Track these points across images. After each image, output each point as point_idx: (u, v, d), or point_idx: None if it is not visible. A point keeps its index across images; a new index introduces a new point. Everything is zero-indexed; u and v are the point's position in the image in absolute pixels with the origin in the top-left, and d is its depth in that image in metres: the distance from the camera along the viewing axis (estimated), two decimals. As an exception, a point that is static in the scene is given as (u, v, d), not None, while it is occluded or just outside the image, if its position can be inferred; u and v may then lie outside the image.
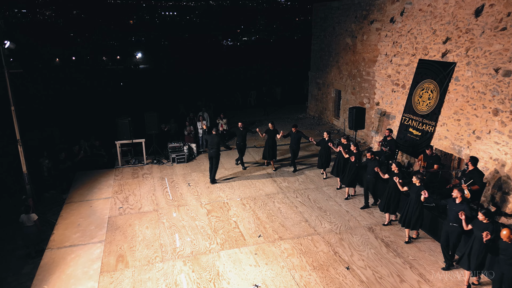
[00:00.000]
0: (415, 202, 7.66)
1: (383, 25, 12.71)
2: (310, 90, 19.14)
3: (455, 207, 6.77)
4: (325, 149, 10.87)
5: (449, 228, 6.91)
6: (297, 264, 7.38)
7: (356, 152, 9.56)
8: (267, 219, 9.07)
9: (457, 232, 6.79)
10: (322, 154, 10.97)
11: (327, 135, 10.78)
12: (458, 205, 6.75)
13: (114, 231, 8.62)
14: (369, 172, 9.09)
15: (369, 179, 9.15)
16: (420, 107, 10.89)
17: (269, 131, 11.70)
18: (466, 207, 6.68)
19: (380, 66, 13.02)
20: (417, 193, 7.53)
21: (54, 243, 8.16)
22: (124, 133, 11.91)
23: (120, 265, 7.40)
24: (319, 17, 17.44)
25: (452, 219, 6.80)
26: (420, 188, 7.49)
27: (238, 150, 12.09)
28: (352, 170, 9.61)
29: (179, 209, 9.61)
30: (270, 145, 11.78)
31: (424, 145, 10.49)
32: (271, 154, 11.88)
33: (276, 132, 11.65)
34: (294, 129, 11.50)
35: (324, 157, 10.97)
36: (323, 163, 11.08)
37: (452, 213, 6.81)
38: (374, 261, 7.50)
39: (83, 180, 11.26)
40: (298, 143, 11.61)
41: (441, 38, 10.36)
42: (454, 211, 6.72)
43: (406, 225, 7.90)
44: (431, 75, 10.54)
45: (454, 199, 6.84)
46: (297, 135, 11.48)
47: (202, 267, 7.34)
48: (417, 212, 7.70)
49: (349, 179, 9.71)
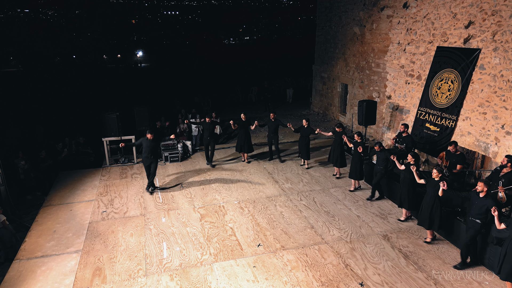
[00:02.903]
0: (431, 198, 6.93)
1: (395, 11, 11.62)
2: (314, 85, 18.05)
3: (477, 201, 6.16)
4: (304, 138, 10.58)
5: (469, 224, 6.32)
6: (302, 280, 6.32)
7: (360, 141, 9.14)
8: (268, 225, 8.00)
9: (475, 228, 6.21)
10: (302, 143, 10.70)
11: (306, 123, 10.52)
12: (482, 200, 6.09)
13: (94, 239, 7.58)
14: (379, 163, 8.62)
15: (379, 170, 8.66)
16: (439, 99, 9.79)
17: (241, 122, 10.83)
18: (491, 202, 5.97)
19: (392, 56, 11.92)
20: (435, 188, 6.81)
21: (24, 252, 7.14)
22: (112, 129, 10.90)
23: (96, 280, 6.36)
24: (324, 7, 16.35)
25: (474, 213, 6.21)
26: (438, 183, 6.74)
27: (205, 146, 11.19)
28: (359, 161, 9.16)
29: (169, 213, 8.57)
30: (244, 137, 10.90)
31: (444, 142, 9.41)
32: (245, 147, 11.03)
33: (249, 123, 10.86)
34: (272, 115, 10.84)
35: (303, 147, 10.70)
36: (302, 153, 10.80)
37: (473, 207, 6.22)
38: (392, 275, 6.42)
39: (65, 181, 10.24)
40: (276, 132, 11.01)
41: (462, 23, 9.26)
42: (477, 206, 6.15)
43: (420, 222, 7.24)
44: (452, 63, 9.44)
45: (478, 193, 6.16)
46: (274, 123, 10.79)
47: (191, 282, 6.28)
48: (434, 210, 6.93)
49: (356, 171, 9.26)
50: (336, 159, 9.99)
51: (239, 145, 11.20)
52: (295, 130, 10.80)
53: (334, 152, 10.03)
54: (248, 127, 10.96)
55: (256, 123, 10.96)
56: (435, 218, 6.96)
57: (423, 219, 7.17)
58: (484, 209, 6.06)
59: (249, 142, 11.15)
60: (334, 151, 10.05)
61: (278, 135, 11.34)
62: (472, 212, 6.24)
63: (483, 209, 6.08)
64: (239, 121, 10.96)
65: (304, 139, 10.62)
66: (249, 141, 11.18)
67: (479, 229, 6.17)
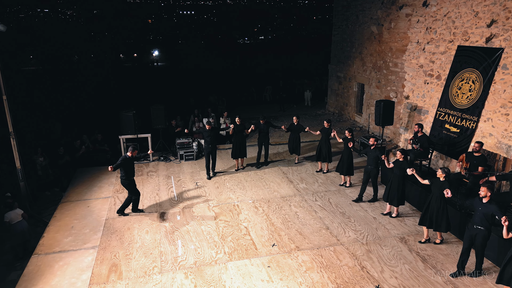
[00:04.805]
0: (437, 199, 6.82)
1: (415, 9, 11.39)
2: (330, 85, 17.88)
3: (481, 208, 5.96)
4: (294, 134, 10.79)
5: (473, 231, 6.08)
6: (317, 281, 6.25)
7: (350, 137, 9.23)
8: (283, 226, 7.95)
9: (482, 235, 5.98)
10: (291, 139, 10.90)
11: (296, 120, 10.66)
12: (486, 205, 5.92)
13: (110, 235, 7.67)
14: (369, 163, 8.64)
15: (369, 169, 8.66)
16: (459, 100, 9.55)
17: (236, 125, 10.31)
18: (495, 208, 5.82)
19: (410, 56, 11.69)
20: (440, 189, 6.70)
21: (42, 247, 7.27)
22: (129, 127, 10.99)
23: (112, 276, 6.43)
24: (340, 6, 16.17)
25: (478, 221, 6.00)
26: (444, 184, 6.66)
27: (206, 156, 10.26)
28: (349, 157, 9.33)
29: (184, 211, 8.60)
30: (238, 142, 10.41)
31: (464, 144, 9.17)
32: (240, 152, 10.56)
33: (244, 128, 10.45)
34: (262, 121, 10.59)
35: (293, 143, 10.90)
36: (293, 148, 10.99)
37: (478, 214, 6.02)
38: (410, 279, 6.29)
39: (83, 178, 10.40)
40: (267, 135, 10.77)
41: (484, 21, 9.01)
42: (481, 212, 5.96)
43: (428, 224, 7.04)
44: (473, 63, 9.19)
45: (481, 199, 5.99)
46: (265, 126, 10.58)
47: (206, 281, 6.29)
48: (441, 212, 6.83)
49: (346, 166, 9.38)
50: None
51: (234, 150, 10.55)
52: (287, 129, 10.83)
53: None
54: (243, 131, 10.41)
55: (252, 127, 10.43)
56: (442, 220, 6.86)
57: (426, 220, 7.05)
58: (489, 215, 5.88)
59: (244, 147, 10.61)
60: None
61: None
62: (476, 219, 6.02)
63: (487, 216, 5.89)
64: (235, 125, 10.35)
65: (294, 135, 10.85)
66: (245, 146, 10.65)
67: (487, 234, 5.98)
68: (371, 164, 8.59)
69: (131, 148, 8.06)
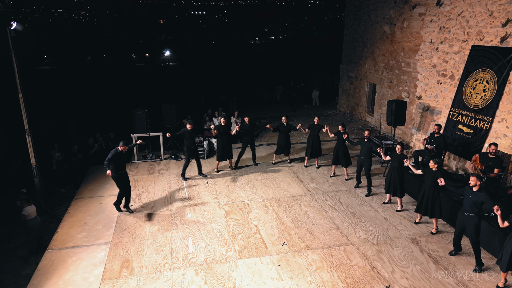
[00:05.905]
0: (430, 188, 7.27)
1: (428, 9, 11.27)
2: (341, 85, 17.79)
3: (471, 196, 6.29)
4: (285, 134, 10.82)
5: (464, 218, 6.46)
6: (327, 280, 6.24)
7: (343, 131, 9.63)
8: (293, 225, 7.96)
9: (474, 222, 6.30)
10: (281, 139, 10.91)
11: (285, 120, 10.72)
12: (475, 194, 6.25)
13: (123, 231, 7.78)
14: (362, 153, 9.02)
15: (362, 160, 9.05)
16: (473, 100, 9.43)
17: (222, 127, 10.25)
18: (485, 196, 6.16)
19: (423, 56, 11.58)
20: (433, 178, 7.16)
21: (56, 242, 7.41)
22: (141, 125, 11.13)
23: (124, 272, 6.52)
24: (352, 5, 16.09)
25: (468, 208, 6.36)
26: (436, 174, 7.11)
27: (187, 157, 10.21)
28: (344, 148, 9.80)
29: (194, 209, 8.67)
30: (226, 143, 10.37)
31: (477, 144, 9.05)
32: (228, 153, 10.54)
33: (229, 128, 10.55)
34: (247, 119, 10.62)
35: (283, 142, 10.90)
36: (283, 148, 10.98)
37: (467, 201, 6.36)
38: (421, 280, 6.24)
39: (96, 175, 10.55)
40: (252, 135, 10.85)
41: (499, 21, 8.88)
42: (470, 200, 6.29)
43: (423, 212, 7.55)
44: (487, 63, 9.07)
45: (471, 187, 6.30)
46: (249, 127, 10.65)
47: (216, 278, 6.34)
48: (434, 199, 7.31)
49: (344, 159, 9.84)
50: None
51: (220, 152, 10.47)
52: (274, 130, 10.84)
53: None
54: (229, 131, 10.41)
55: (237, 128, 10.45)
56: (435, 206, 7.31)
57: (421, 208, 7.53)
58: (479, 203, 6.21)
59: (230, 147, 10.59)
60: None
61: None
62: (466, 206, 6.37)
63: (477, 203, 6.22)
64: (220, 126, 10.26)
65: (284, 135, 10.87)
66: (230, 146, 10.64)
67: (478, 222, 6.30)
68: (364, 155, 8.96)
69: (122, 143, 8.15)
